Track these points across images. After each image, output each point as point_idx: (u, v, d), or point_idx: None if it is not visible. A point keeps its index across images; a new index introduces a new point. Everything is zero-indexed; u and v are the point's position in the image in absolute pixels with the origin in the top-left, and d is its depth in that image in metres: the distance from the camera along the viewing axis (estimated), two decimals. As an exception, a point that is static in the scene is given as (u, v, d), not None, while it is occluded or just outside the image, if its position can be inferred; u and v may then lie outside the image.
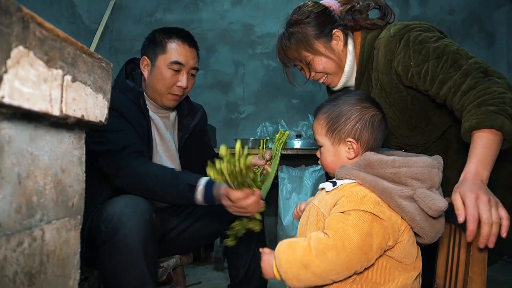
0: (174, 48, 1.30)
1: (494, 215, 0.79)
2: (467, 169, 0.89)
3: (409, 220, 0.79)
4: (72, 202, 0.55)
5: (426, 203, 0.77)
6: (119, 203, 1.10)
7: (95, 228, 1.10)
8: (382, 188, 0.79)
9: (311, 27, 1.17)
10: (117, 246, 1.04)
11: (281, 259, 0.78)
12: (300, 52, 1.19)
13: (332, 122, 0.91)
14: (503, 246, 1.03)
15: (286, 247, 0.79)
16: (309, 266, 0.74)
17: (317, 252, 0.74)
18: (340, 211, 0.79)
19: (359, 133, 0.89)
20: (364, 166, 0.83)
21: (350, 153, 0.90)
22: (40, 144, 0.47)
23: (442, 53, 1.04)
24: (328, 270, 0.74)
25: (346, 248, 0.74)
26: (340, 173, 0.86)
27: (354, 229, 0.75)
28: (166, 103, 1.34)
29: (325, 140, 0.92)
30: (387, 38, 1.11)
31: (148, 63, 1.33)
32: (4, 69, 0.36)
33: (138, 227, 1.05)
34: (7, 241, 0.41)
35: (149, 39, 1.35)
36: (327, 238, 0.75)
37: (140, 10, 3.26)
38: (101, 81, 0.56)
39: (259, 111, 3.17)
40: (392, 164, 0.81)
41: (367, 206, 0.77)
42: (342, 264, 0.74)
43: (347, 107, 0.91)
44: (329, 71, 1.21)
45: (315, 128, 0.95)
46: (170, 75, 1.29)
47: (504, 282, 2.21)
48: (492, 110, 0.91)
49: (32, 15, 0.40)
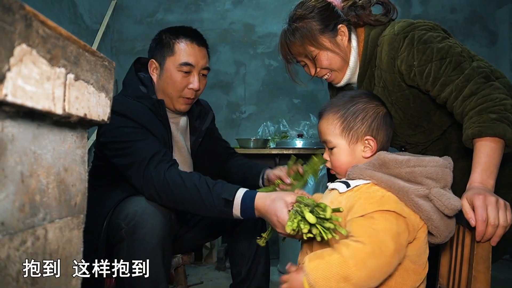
0: (183, 48, 1.24)
1: (501, 218, 0.80)
2: (472, 179, 0.90)
3: (425, 219, 0.79)
4: (75, 201, 0.55)
5: (442, 202, 0.77)
6: (141, 201, 1.10)
7: (114, 224, 1.10)
8: (398, 187, 0.78)
9: (316, 21, 1.16)
10: (136, 244, 1.04)
11: (317, 276, 0.73)
12: (305, 47, 1.17)
13: (348, 120, 0.88)
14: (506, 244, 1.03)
15: (319, 263, 0.74)
16: (350, 278, 0.71)
17: (355, 262, 0.72)
18: (361, 214, 0.76)
19: (376, 130, 0.88)
20: (378, 165, 0.82)
21: (367, 151, 0.88)
22: (43, 143, 0.47)
23: (446, 54, 1.04)
24: (369, 279, 0.72)
25: (384, 253, 0.72)
26: (353, 173, 0.84)
27: (385, 233, 0.73)
28: (178, 107, 1.29)
29: (339, 140, 0.89)
30: (391, 35, 1.11)
31: (156, 66, 1.28)
32: (7, 67, 0.36)
33: (159, 226, 1.05)
34: (10, 240, 0.41)
35: (156, 41, 1.29)
36: (363, 246, 0.72)
37: (141, 10, 3.26)
38: (104, 80, 0.56)
39: (260, 111, 3.16)
40: (407, 163, 0.81)
41: (389, 205, 0.77)
42: (382, 270, 0.73)
43: (362, 105, 0.89)
44: (334, 67, 1.20)
45: (325, 129, 0.91)
46: (180, 78, 1.24)
47: (506, 281, 2.20)
48: (494, 117, 0.92)
49: (35, 13, 0.39)
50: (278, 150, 2.54)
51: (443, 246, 0.99)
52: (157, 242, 1.05)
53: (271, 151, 2.54)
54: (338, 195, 0.85)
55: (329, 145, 0.91)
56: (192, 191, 1.07)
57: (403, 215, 0.77)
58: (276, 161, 2.60)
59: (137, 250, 1.04)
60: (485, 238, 0.81)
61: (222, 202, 1.05)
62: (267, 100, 3.17)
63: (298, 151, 2.50)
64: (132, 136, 1.16)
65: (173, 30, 1.28)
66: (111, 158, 1.20)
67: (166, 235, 1.08)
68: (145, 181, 1.11)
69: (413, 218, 0.79)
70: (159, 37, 1.28)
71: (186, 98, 1.27)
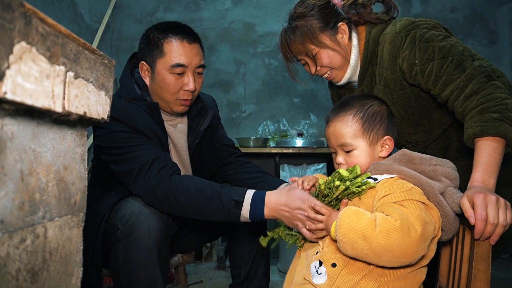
0: (173, 48, 1.14)
1: (501, 217, 0.80)
2: (473, 178, 0.91)
3: (443, 215, 0.83)
4: (75, 200, 0.55)
5: (453, 199, 0.84)
6: (137, 202, 1.09)
7: (111, 225, 1.09)
8: (426, 183, 0.83)
9: (316, 19, 1.16)
10: (132, 245, 1.03)
11: (344, 221, 0.79)
12: (305, 45, 1.17)
13: (368, 122, 0.91)
14: (506, 243, 1.03)
15: (352, 213, 0.80)
16: (369, 240, 0.75)
17: (381, 229, 0.75)
18: (392, 201, 0.80)
19: (392, 130, 0.94)
20: (405, 161, 0.87)
21: (383, 151, 0.93)
22: (42, 141, 0.47)
23: (447, 53, 1.04)
24: (386, 251, 0.74)
25: (410, 235, 0.74)
26: (378, 169, 0.88)
27: (415, 218, 0.76)
28: (176, 109, 1.22)
29: (359, 142, 0.91)
30: (393, 34, 1.10)
31: (147, 68, 1.19)
32: (6, 64, 0.36)
33: (155, 227, 1.04)
34: (9, 238, 0.41)
35: (144, 40, 1.20)
36: (394, 221, 0.75)
37: (141, 9, 3.26)
38: (104, 78, 0.56)
39: (260, 110, 3.16)
40: (430, 161, 0.87)
41: (417, 196, 0.80)
42: (402, 249, 0.74)
43: (377, 106, 0.94)
44: (334, 65, 1.19)
45: (342, 132, 0.91)
46: (173, 81, 1.15)
47: (505, 280, 2.20)
48: (495, 117, 0.92)
49: (35, 10, 0.39)
50: (278, 149, 2.54)
51: (442, 245, 0.99)
52: (153, 243, 1.03)
53: (271, 150, 2.54)
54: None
55: (347, 148, 0.92)
56: (197, 195, 1.04)
57: (430, 207, 0.81)
58: (276, 160, 2.60)
59: (133, 252, 1.03)
60: (484, 236, 0.82)
61: (231, 203, 1.01)
62: (267, 99, 3.17)
63: (298, 150, 2.50)
64: (129, 142, 1.11)
65: (161, 28, 1.17)
66: (108, 163, 1.16)
67: (162, 237, 1.06)
68: (146, 189, 1.07)
69: (437, 211, 0.83)
70: (147, 36, 1.19)
71: (182, 100, 1.20)
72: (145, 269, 1.04)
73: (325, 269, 0.82)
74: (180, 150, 1.31)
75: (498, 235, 0.81)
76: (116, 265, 1.07)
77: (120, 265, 1.05)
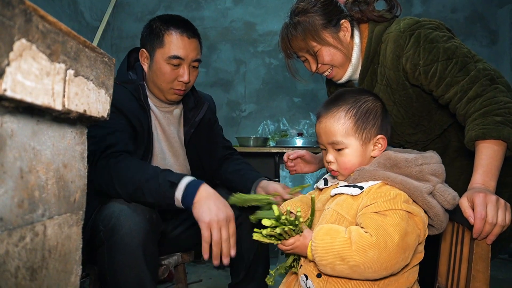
0: (172, 41, 1.20)
1: (500, 217, 0.80)
2: (474, 180, 0.90)
3: (433, 215, 0.82)
4: (74, 198, 0.55)
5: (444, 197, 0.81)
6: (118, 202, 1.07)
7: (95, 227, 1.07)
8: (413, 187, 0.80)
9: (319, 16, 1.14)
10: (116, 247, 1.00)
11: (318, 244, 0.77)
12: (307, 42, 1.15)
13: (360, 120, 0.86)
14: (503, 243, 1.03)
15: (325, 233, 0.78)
16: (347, 259, 0.74)
17: (357, 248, 0.74)
18: (374, 211, 0.78)
19: (385, 128, 0.90)
20: (390, 166, 0.83)
21: (376, 150, 0.88)
22: (42, 139, 0.47)
23: (452, 55, 1.03)
24: (366, 268, 0.74)
25: (387, 248, 0.73)
26: (363, 176, 0.84)
27: (394, 228, 0.75)
28: (169, 97, 1.28)
29: (351, 140, 0.86)
30: (397, 33, 1.09)
31: (147, 55, 1.26)
32: (6, 62, 0.36)
33: (137, 227, 1.02)
34: (9, 235, 0.41)
35: (146, 29, 1.26)
36: (370, 236, 0.74)
37: (141, 8, 3.26)
38: (104, 76, 0.56)
39: (260, 109, 3.16)
40: (416, 162, 0.83)
41: (401, 204, 0.78)
42: (382, 263, 0.74)
43: (371, 103, 0.89)
44: (336, 63, 1.18)
45: (333, 129, 0.87)
46: (169, 70, 1.21)
47: (504, 281, 2.20)
48: (498, 120, 0.92)
49: (35, 7, 0.39)
50: (278, 148, 2.54)
51: (442, 245, 0.99)
52: (138, 243, 1.01)
53: (271, 149, 2.54)
54: (349, 198, 0.84)
55: (338, 147, 0.87)
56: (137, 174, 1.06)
57: (414, 213, 0.79)
58: (275, 159, 2.60)
59: (117, 253, 1.00)
60: (482, 235, 0.82)
61: (167, 184, 1.04)
62: (267, 98, 3.17)
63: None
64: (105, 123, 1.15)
65: (164, 20, 1.23)
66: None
67: (147, 236, 1.03)
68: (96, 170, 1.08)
69: (423, 215, 0.81)
70: (150, 26, 1.25)
71: (176, 90, 1.25)
72: (131, 269, 1.01)
73: (311, 282, 0.82)
74: (169, 137, 1.34)
75: (495, 235, 0.81)
76: (102, 268, 1.05)
77: (105, 268, 1.03)
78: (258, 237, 0.83)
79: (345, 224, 0.82)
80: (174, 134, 1.35)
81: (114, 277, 1.03)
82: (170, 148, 1.34)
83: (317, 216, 0.91)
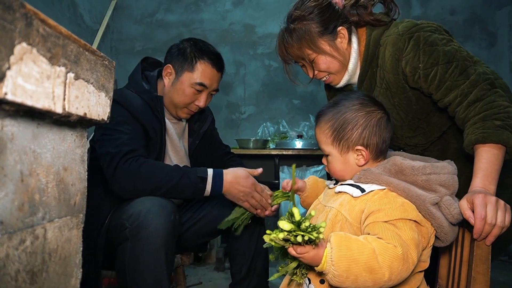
0: (203, 70, 1.30)
1: (499, 218, 0.80)
2: (474, 184, 0.90)
3: (437, 226, 0.81)
4: (74, 201, 0.55)
5: (450, 210, 0.80)
6: (146, 202, 1.11)
7: (118, 224, 1.11)
8: (416, 195, 0.79)
9: (315, 23, 1.13)
10: (140, 244, 1.05)
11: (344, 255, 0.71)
12: (303, 50, 1.15)
13: (337, 131, 0.88)
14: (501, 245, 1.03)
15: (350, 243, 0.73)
16: (375, 272, 0.71)
17: (383, 260, 0.71)
18: (384, 220, 0.77)
19: (367, 139, 0.87)
20: (395, 172, 0.83)
21: (360, 160, 0.88)
22: (42, 142, 0.47)
23: (452, 58, 1.03)
24: (388, 280, 0.72)
25: (408, 261, 0.73)
26: (366, 177, 0.84)
27: (411, 241, 0.75)
28: (180, 115, 1.36)
29: (331, 149, 0.90)
30: (396, 36, 1.09)
31: (172, 72, 1.33)
32: (7, 65, 0.36)
33: (163, 227, 1.07)
34: (9, 239, 0.41)
35: (179, 50, 1.33)
36: (395, 248, 0.73)
37: (141, 10, 3.26)
38: (104, 79, 0.56)
39: (260, 111, 3.16)
40: (423, 170, 0.82)
41: (410, 214, 0.78)
42: (401, 275, 0.73)
43: (352, 113, 0.88)
44: (332, 70, 1.18)
45: (319, 138, 0.93)
46: (191, 94, 1.31)
47: (504, 283, 2.20)
48: (498, 124, 0.92)
49: (35, 11, 0.39)
50: (278, 150, 2.54)
51: (442, 247, 0.99)
52: (161, 242, 1.06)
53: (271, 151, 2.54)
54: (352, 198, 0.84)
55: (324, 153, 0.93)
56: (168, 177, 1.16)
57: (422, 224, 0.79)
58: (275, 161, 2.60)
59: (141, 250, 1.05)
60: (482, 236, 0.82)
61: (197, 180, 1.18)
62: (267, 100, 3.17)
63: (297, 152, 2.50)
64: (118, 126, 1.21)
65: (200, 49, 1.32)
66: (96, 141, 1.25)
67: (169, 236, 1.09)
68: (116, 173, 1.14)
69: (429, 225, 0.81)
70: (184, 49, 1.33)
71: (189, 110, 1.35)
72: (152, 268, 1.05)
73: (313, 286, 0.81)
74: (177, 149, 1.42)
75: (494, 236, 0.81)
76: (122, 264, 1.08)
77: (126, 264, 1.07)
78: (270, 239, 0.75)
79: (346, 225, 0.82)
80: (180, 144, 1.43)
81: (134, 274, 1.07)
82: (176, 157, 1.42)
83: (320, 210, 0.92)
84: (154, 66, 1.45)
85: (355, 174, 0.88)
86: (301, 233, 0.70)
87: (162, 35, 3.22)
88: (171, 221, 1.10)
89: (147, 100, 1.29)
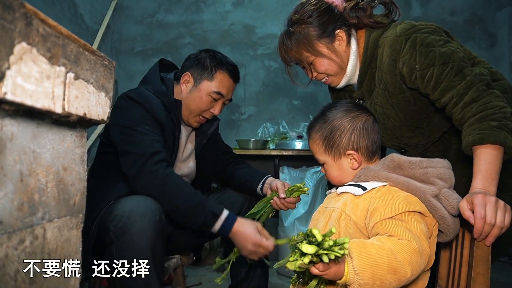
0: (221, 79, 1.35)
1: (499, 218, 0.80)
2: (474, 185, 0.91)
3: (438, 217, 0.83)
4: (74, 201, 0.55)
5: (449, 202, 0.82)
6: (129, 202, 1.10)
7: (103, 227, 1.10)
8: (415, 188, 0.81)
9: (313, 27, 1.15)
10: (125, 246, 1.04)
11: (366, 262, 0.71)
12: (301, 53, 1.17)
13: (327, 139, 0.93)
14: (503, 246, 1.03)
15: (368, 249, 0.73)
16: (398, 271, 0.72)
17: (403, 257, 0.72)
18: (389, 216, 0.78)
19: (356, 143, 0.92)
20: (393, 167, 0.86)
21: (354, 164, 0.92)
22: (42, 142, 0.47)
23: (448, 59, 1.03)
24: (411, 276, 0.73)
25: (423, 252, 0.75)
26: (366, 175, 0.87)
27: (420, 234, 0.76)
28: (191, 123, 1.40)
29: (325, 157, 0.95)
30: (393, 37, 1.10)
31: (190, 80, 1.37)
32: (7, 65, 0.36)
33: (147, 227, 1.06)
34: (8, 238, 0.41)
35: (198, 60, 1.38)
36: (410, 243, 0.74)
37: (141, 11, 3.26)
38: (104, 79, 0.56)
39: (260, 112, 3.16)
40: (420, 164, 0.85)
41: (415, 206, 0.80)
42: (420, 268, 0.75)
43: (338, 121, 0.93)
44: (330, 72, 1.20)
45: (312, 149, 0.97)
46: (208, 102, 1.36)
47: (505, 284, 2.20)
48: (494, 125, 0.93)
49: (35, 11, 0.39)
50: (278, 151, 2.54)
51: (442, 247, 0.99)
52: (146, 243, 1.04)
53: (271, 152, 2.54)
54: (354, 197, 0.86)
55: (320, 162, 0.97)
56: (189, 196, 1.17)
57: (426, 214, 0.80)
58: (275, 162, 2.60)
59: (126, 252, 1.03)
60: (482, 236, 0.82)
61: (210, 213, 1.18)
62: (267, 101, 3.17)
63: (297, 152, 2.50)
64: (140, 126, 1.22)
65: (219, 60, 1.37)
66: (114, 138, 1.25)
67: (156, 236, 1.07)
68: (141, 174, 1.15)
69: (431, 216, 0.82)
70: (204, 59, 1.37)
71: (202, 117, 1.39)
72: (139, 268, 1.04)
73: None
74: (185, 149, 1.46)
75: (494, 237, 0.81)
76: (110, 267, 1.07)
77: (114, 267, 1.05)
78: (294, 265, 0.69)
79: (351, 224, 0.83)
80: (188, 145, 1.47)
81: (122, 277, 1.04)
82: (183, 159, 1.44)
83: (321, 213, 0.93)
84: (169, 68, 1.49)
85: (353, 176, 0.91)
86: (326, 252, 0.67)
87: (162, 36, 3.22)
88: (156, 221, 1.09)
89: (165, 103, 1.31)
